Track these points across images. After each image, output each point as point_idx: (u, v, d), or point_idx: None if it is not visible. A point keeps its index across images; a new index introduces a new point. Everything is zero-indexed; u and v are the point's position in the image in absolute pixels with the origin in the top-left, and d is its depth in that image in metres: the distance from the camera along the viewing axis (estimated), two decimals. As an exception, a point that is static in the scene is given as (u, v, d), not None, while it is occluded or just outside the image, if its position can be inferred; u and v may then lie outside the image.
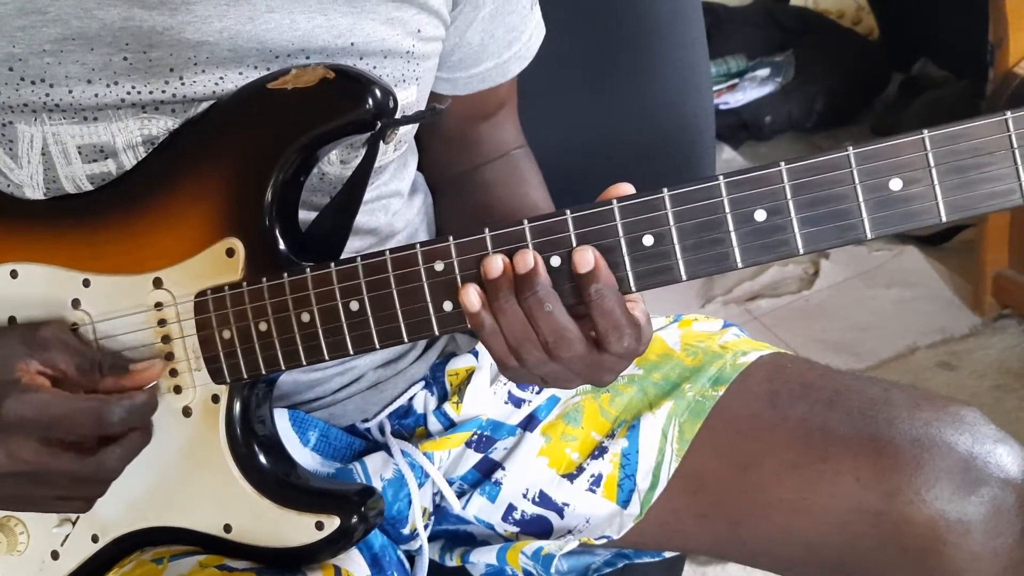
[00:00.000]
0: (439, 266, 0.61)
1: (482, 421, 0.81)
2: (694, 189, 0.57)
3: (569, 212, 0.59)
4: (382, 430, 0.81)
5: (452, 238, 0.61)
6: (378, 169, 0.76)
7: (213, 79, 0.66)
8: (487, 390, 0.82)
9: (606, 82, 1.04)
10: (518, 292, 0.59)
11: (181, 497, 0.68)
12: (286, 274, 0.64)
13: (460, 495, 0.81)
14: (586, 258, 0.58)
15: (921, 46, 2.40)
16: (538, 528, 0.80)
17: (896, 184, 0.54)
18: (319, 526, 0.66)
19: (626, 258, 0.58)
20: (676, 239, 0.57)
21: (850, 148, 0.55)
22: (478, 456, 0.81)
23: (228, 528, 0.67)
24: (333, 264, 0.63)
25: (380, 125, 0.64)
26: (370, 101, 0.63)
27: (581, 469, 0.79)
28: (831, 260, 1.97)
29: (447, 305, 0.61)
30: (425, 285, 0.61)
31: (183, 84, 0.66)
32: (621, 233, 0.58)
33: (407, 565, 0.80)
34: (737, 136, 2.35)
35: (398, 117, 0.66)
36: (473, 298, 0.60)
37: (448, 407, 0.82)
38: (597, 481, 0.78)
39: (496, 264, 0.59)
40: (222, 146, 0.66)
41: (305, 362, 0.64)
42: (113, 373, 0.65)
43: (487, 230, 0.60)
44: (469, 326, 0.61)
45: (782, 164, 0.56)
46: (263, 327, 0.64)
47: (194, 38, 0.65)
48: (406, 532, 0.80)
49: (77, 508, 0.67)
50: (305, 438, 0.78)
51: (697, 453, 0.77)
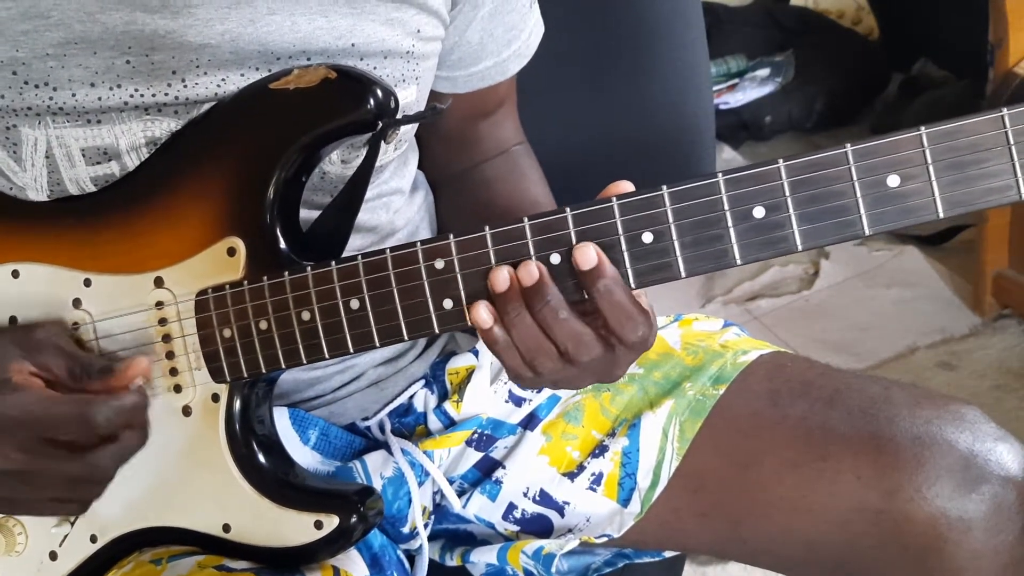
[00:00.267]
0: (439, 264, 0.61)
1: (482, 420, 0.81)
2: (693, 186, 0.57)
3: (569, 210, 0.59)
4: (382, 428, 0.81)
5: (452, 236, 0.61)
6: (379, 167, 0.76)
7: (215, 81, 0.66)
8: (487, 389, 0.82)
9: (606, 82, 1.04)
10: (529, 304, 0.59)
11: (180, 497, 0.68)
12: (287, 273, 0.64)
13: (460, 494, 0.81)
14: (588, 255, 0.58)
15: (921, 46, 2.40)
16: (538, 527, 0.80)
17: (894, 180, 0.54)
18: (318, 525, 0.66)
19: (625, 255, 0.59)
20: (675, 236, 0.58)
21: (848, 145, 0.55)
22: (478, 455, 0.81)
23: (227, 528, 0.67)
24: (334, 263, 0.63)
25: (381, 125, 0.64)
26: (371, 101, 0.63)
27: (582, 468, 0.79)
28: (831, 260, 1.97)
29: (447, 303, 0.61)
30: (425, 283, 0.61)
31: (185, 86, 0.66)
32: (620, 230, 0.58)
33: (407, 565, 0.80)
34: (737, 136, 2.35)
35: (399, 117, 0.66)
36: (484, 315, 0.59)
37: (448, 406, 0.82)
38: (598, 480, 0.79)
39: (503, 276, 0.59)
40: (224, 146, 0.66)
41: (305, 360, 0.64)
42: (102, 376, 0.64)
43: (487, 228, 0.60)
44: (482, 340, 0.61)
45: (780, 161, 0.56)
46: (264, 326, 0.64)
47: (196, 41, 0.65)
48: (406, 531, 0.80)
49: (72, 511, 0.66)
50: (305, 436, 0.78)
51: (698, 452, 0.77)
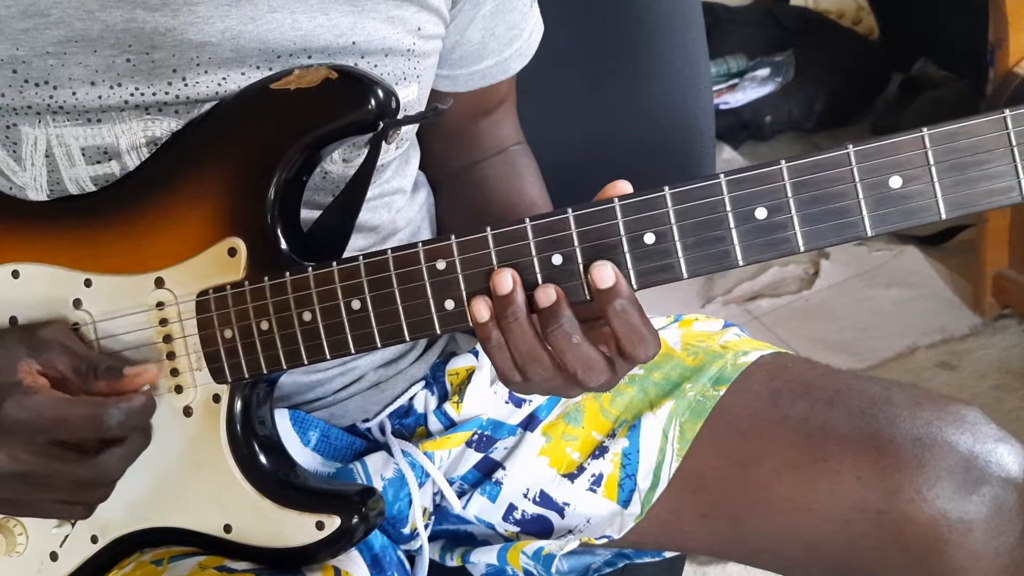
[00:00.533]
0: (441, 265, 0.61)
1: (482, 421, 0.81)
2: (695, 187, 0.57)
3: (571, 211, 0.59)
4: (383, 430, 0.81)
5: (454, 237, 0.61)
6: (380, 167, 0.76)
7: (216, 80, 0.66)
8: (487, 390, 0.82)
9: (606, 81, 1.04)
10: (543, 326, 0.59)
11: (181, 497, 0.68)
12: (288, 273, 0.64)
13: (460, 495, 0.81)
14: (606, 274, 0.58)
15: (921, 46, 2.40)
16: (539, 528, 0.80)
17: (896, 182, 0.54)
18: (319, 526, 0.65)
19: (627, 256, 0.58)
20: (677, 237, 0.57)
21: (850, 146, 0.55)
22: (478, 456, 0.81)
23: (228, 528, 0.67)
24: (335, 263, 0.63)
25: (382, 125, 0.64)
26: (372, 101, 0.63)
27: (582, 469, 0.79)
28: (831, 260, 1.97)
29: (449, 304, 0.61)
30: (427, 284, 0.61)
31: (186, 85, 0.66)
32: (622, 231, 0.58)
33: (407, 565, 0.80)
34: (737, 136, 2.35)
35: (400, 117, 0.66)
36: (483, 310, 0.59)
37: (448, 407, 0.82)
38: (598, 481, 0.78)
39: (506, 279, 0.59)
40: (225, 146, 0.66)
41: (307, 361, 0.64)
42: (108, 376, 0.64)
43: (488, 229, 0.60)
44: (477, 337, 0.61)
45: (782, 162, 0.56)
46: (265, 326, 0.64)
47: (196, 39, 0.65)
48: (406, 532, 0.80)
49: (78, 514, 0.66)
50: (306, 438, 0.78)
51: (698, 453, 0.77)
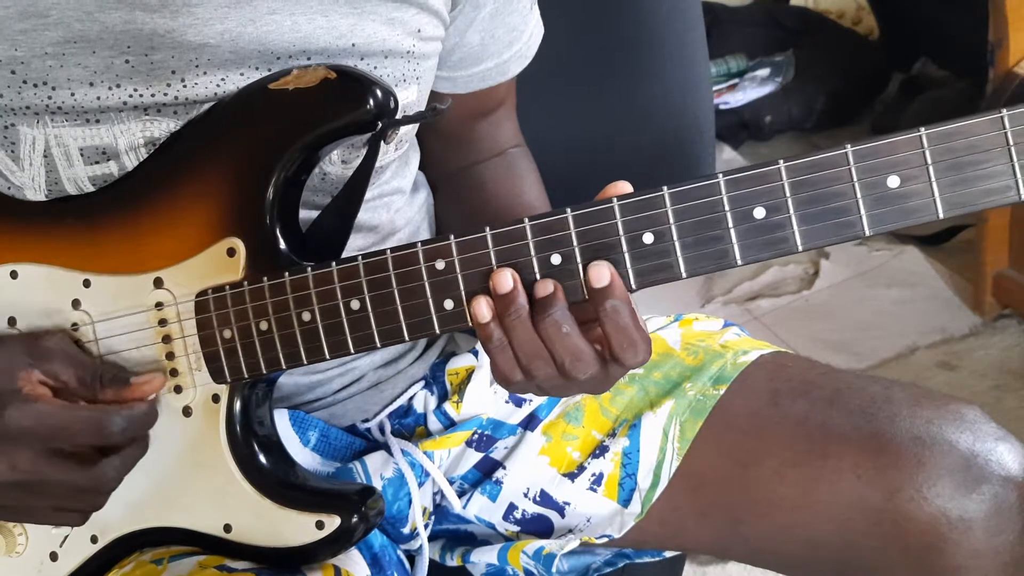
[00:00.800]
0: (440, 265, 0.61)
1: (482, 420, 0.81)
2: (694, 187, 0.57)
3: (570, 211, 0.59)
4: (382, 430, 0.81)
5: (453, 237, 0.61)
6: (380, 168, 0.76)
7: (215, 81, 0.66)
8: (487, 389, 0.82)
9: (606, 82, 1.04)
10: (535, 314, 0.59)
11: (181, 497, 0.68)
12: (287, 273, 0.64)
13: (460, 494, 0.81)
14: (602, 273, 0.58)
15: (921, 46, 2.40)
16: (539, 527, 0.80)
17: (894, 181, 0.54)
18: (319, 525, 0.66)
19: (626, 256, 0.58)
20: (676, 237, 0.58)
21: (848, 146, 0.55)
22: (479, 455, 0.81)
23: (228, 528, 0.67)
24: (334, 263, 0.63)
25: (381, 125, 0.64)
26: (371, 102, 0.63)
27: (582, 468, 0.79)
28: (831, 260, 1.97)
29: (448, 304, 0.61)
30: (426, 284, 0.61)
31: (185, 86, 0.66)
32: (621, 231, 0.58)
33: (407, 565, 0.80)
34: (737, 136, 2.35)
35: (399, 117, 0.66)
36: (484, 310, 0.59)
37: (448, 406, 0.82)
38: (598, 480, 0.78)
39: (506, 278, 0.59)
40: (223, 146, 0.66)
41: (306, 361, 0.64)
42: (113, 385, 0.65)
43: (488, 229, 0.60)
44: (478, 338, 0.61)
45: (781, 162, 0.56)
46: (264, 326, 0.64)
47: (195, 40, 0.65)
48: (406, 531, 0.80)
49: (74, 521, 0.67)
50: (305, 438, 0.78)
51: (698, 452, 0.77)
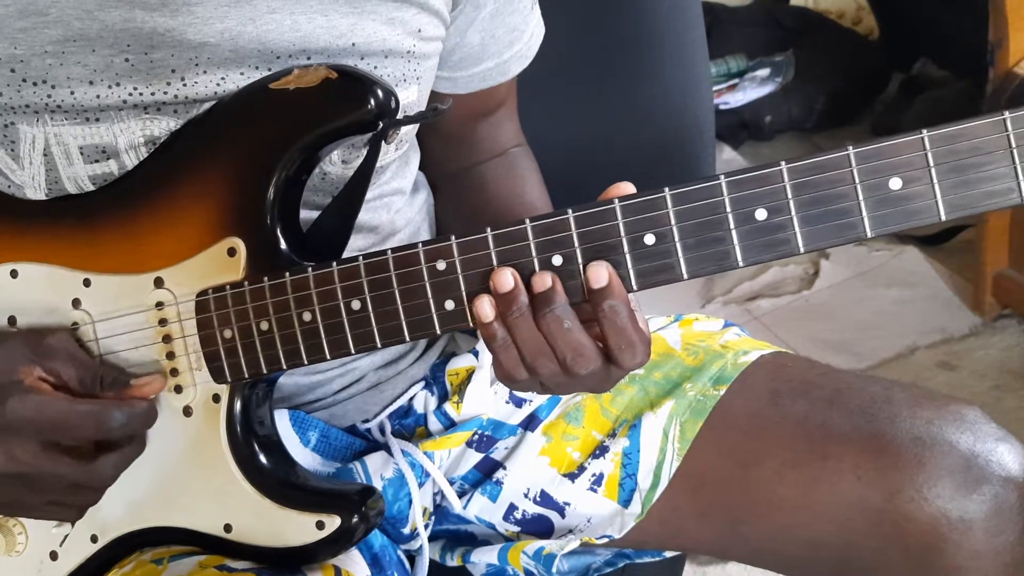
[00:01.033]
0: (441, 265, 0.61)
1: (483, 421, 0.81)
2: (695, 188, 0.57)
3: (571, 211, 0.59)
4: (382, 430, 0.81)
5: (454, 237, 0.61)
6: (380, 168, 0.76)
7: (215, 80, 0.66)
8: (488, 390, 0.82)
9: (606, 82, 1.04)
10: (536, 310, 0.59)
11: (181, 497, 0.68)
12: (288, 273, 0.64)
13: (461, 495, 0.81)
14: (600, 274, 0.58)
15: (921, 46, 2.40)
16: (539, 527, 0.80)
17: (896, 183, 0.54)
18: (320, 526, 0.65)
19: (628, 257, 0.58)
20: (677, 238, 0.58)
21: (850, 148, 0.55)
22: (479, 456, 0.81)
23: (228, 528, 0.67)
24: (335, 263, 0.63)
25: (382, 125, 0.64)
26: (372, 101, 0.63)
27: (582, 468, 0.79)
28: (831, 260, 1.97)
29: (449, 304, 0.61)
30: (427, 284, 0.61)
31: (185, 85, 0.66)
32: (623, 232, 0.58)
33: (407, 565, 0.80)
34: (737, 136, 2.35)
35: (400, 117, 0.66)
36: (487, 309, 0.59)
37: (448, 407, 0.82)
38: (598, 480, 0.78)
39: (506, 277, 0.59)
40: (224, 146, 0.66)
41: (307, 361, 0.64)
42: (113, 388, 0.64)
43: (489, 229, 0.60)
44: (480, 337, 0.61)
45: (783, 163, 0.56)
46: (264, 326, 0.64)
47: (195, 39, 0.65)
48: (406, 532, 0.80)
49: (69, 516, 0.67)
50: (305, 438, 0.78)
51: (698, 452, 0.77)
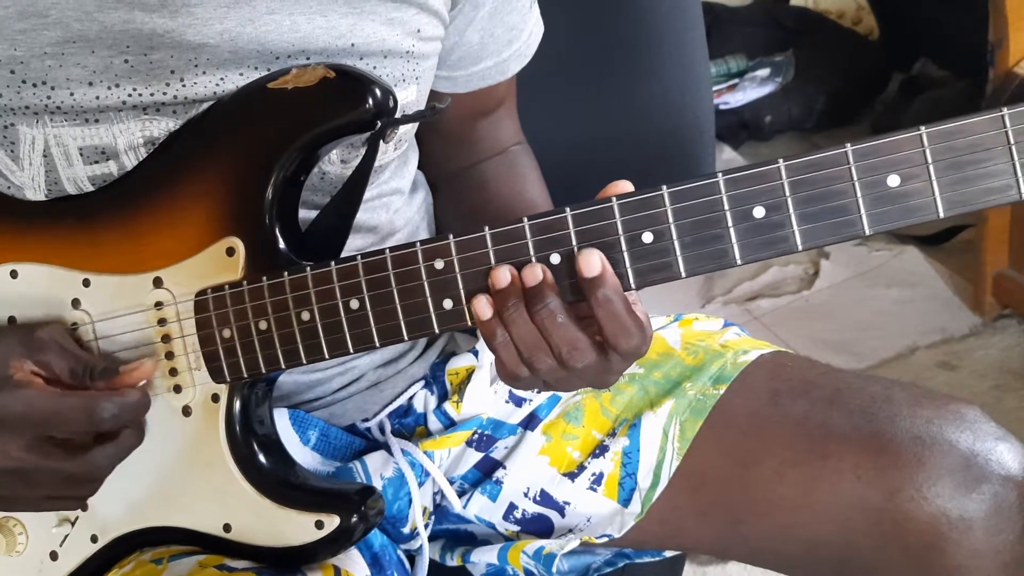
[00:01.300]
0: (439, 264, 0.61)
1: (483, 420, 0.81)
2: (693, 186, 0.57)
3: (569, 210, 0.59)
4: (382, 429, 0.81)
5: (452, 236, 0.61)
6: (379, 167, 0.76)
7: (214, 80, 0.66)
8: (487, 389, 0.82)
9: (606, 81, 1.04)
10: (529, 305, 0.59)
11: (181, 496, 0.68)
12: (286, 273, 0.64)
13: (461, 494, 0.81)
14: (592, 262, 0.58)
15: (921, 46, 2.40)
16: (539, 527, 0.80)
17: (894, 180, 0.54)
18: (319, 525, 0.66)
19: (625, 255, 0.58)
20: (675, 236, 0.58)
21: (848, 145, 0.55)
22: (479, 455, 0.81)
23: (228, 528, 0.67)
24: (333, 263, 0.63)
25: (380, 124, 0.64)
26: (370, 100, 0.63)
27: (582, 468, 0.79)
28: (831, 260, 1.97)
29: (447, 303, 0.61)
30: (425, 283, 0.61)
31: (184, 86, 0.66)
32: (620, 230, 0.58)
33: (407, 565, 0.80)
34: (737, 136, 2.35)
35: (398, 116, 0.66)
36: (485, 307, 0.60)
37: (448, 406, 0.82)
38: (598, 480, 0.78)
39: (504, 274, 0.59)
40: (222, 146, 0.66)
41: (305, 361, 0.64)
42: (104, 377, 0.64)
43: (487, 228, 0.60)
44: (479, 336, 0.61)
45: (780, 161, 0.56)
46: (263, 326, 0.64)
47: (195, 40, 0.65)
48: (406, 531, 0.80)
49: (67, 507, 0.66)
50: (305, 437, 0.78)
51: (698, 451, 0.77)
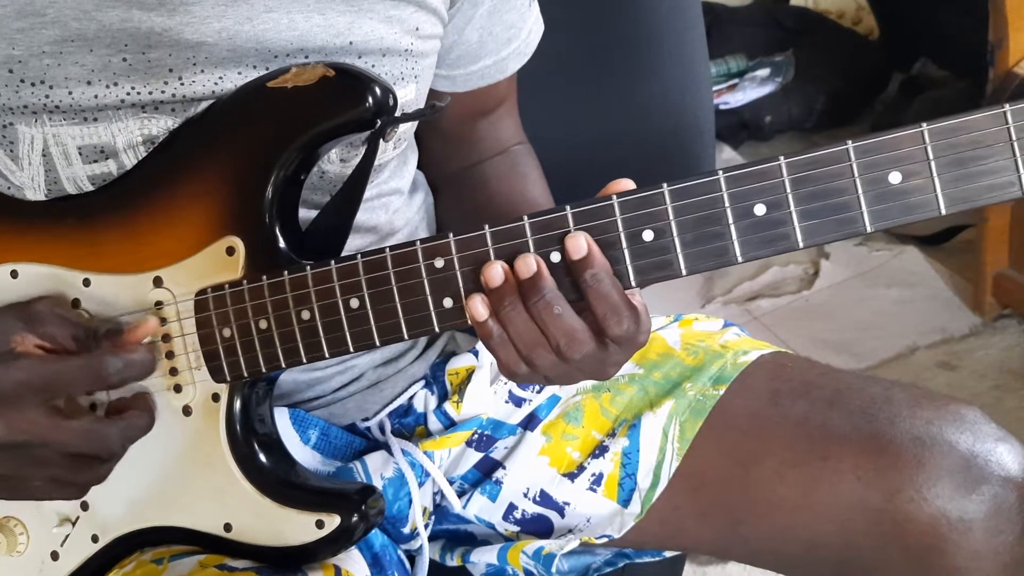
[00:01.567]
0: (439, 263, 0.61)
1: (482, 420, 0.81)
2: (694, 184, 0.57)
3: (569, 208, 0.59)
4: (382, 429, 0.81)
5: (452, 235, 0.61)
6: (378, 167, 0.76)
7: (212, 79, 0.66)
8: (487, 389, 0.82)
9: (606, 81, 1.04)
10: (525, 298, 0.59)
11: (181, 496, 0.68)
12: (286, 272, 0.64)
13: (460, 494, 0.81)
14: (578, 244, 0.58)
15: (921, 46, 2.40)
16: (539, 527, 0.80)
17: (895, 177, 0.54)
18: (319, 525, 0.65)
19: (626, 252, 0.58)
20: (676, 233, 0.57)
21: (849, 142, 0.55)
22: (479, 455, 0.81)
23: (228, 527, 0.67)
24: (333, 262, 0.63)
25: (380, 123, 0.64)
26: (370, 99, 0.63)
27: (582, 468, 0.79)
28: (831, 260, 1.97)
29: (447, 302, 0.61)
30: (425, 282, 0.61)
31: (182, 84, 0.66)
32: (621, 228, 0.58)
33: (407, 565, 0.80)
34: (737, 136, 2.35)
35: (398, 115, 0.66)
36: (480, 308, 0.59)
37: (448, 406, 0.82)
38: (598, 480, 0.78)
39: (496, 272, 0.59)
40: (222, 145, 0.66)
41: (305, 360, 0.64)
42: (108, 337, 0.64)
43: (487, 227, 0.60)
44: (478, 336, 0.61)
45: (781, 158, 0.56)
46: (263, 325, 0.64)
47: (193, 38, 0.65)
48: (406, 531, 0.80)
49: (70, 494, 0.65)
50: (305, 436, 0.78)
51: (698, 452, 0.77)
